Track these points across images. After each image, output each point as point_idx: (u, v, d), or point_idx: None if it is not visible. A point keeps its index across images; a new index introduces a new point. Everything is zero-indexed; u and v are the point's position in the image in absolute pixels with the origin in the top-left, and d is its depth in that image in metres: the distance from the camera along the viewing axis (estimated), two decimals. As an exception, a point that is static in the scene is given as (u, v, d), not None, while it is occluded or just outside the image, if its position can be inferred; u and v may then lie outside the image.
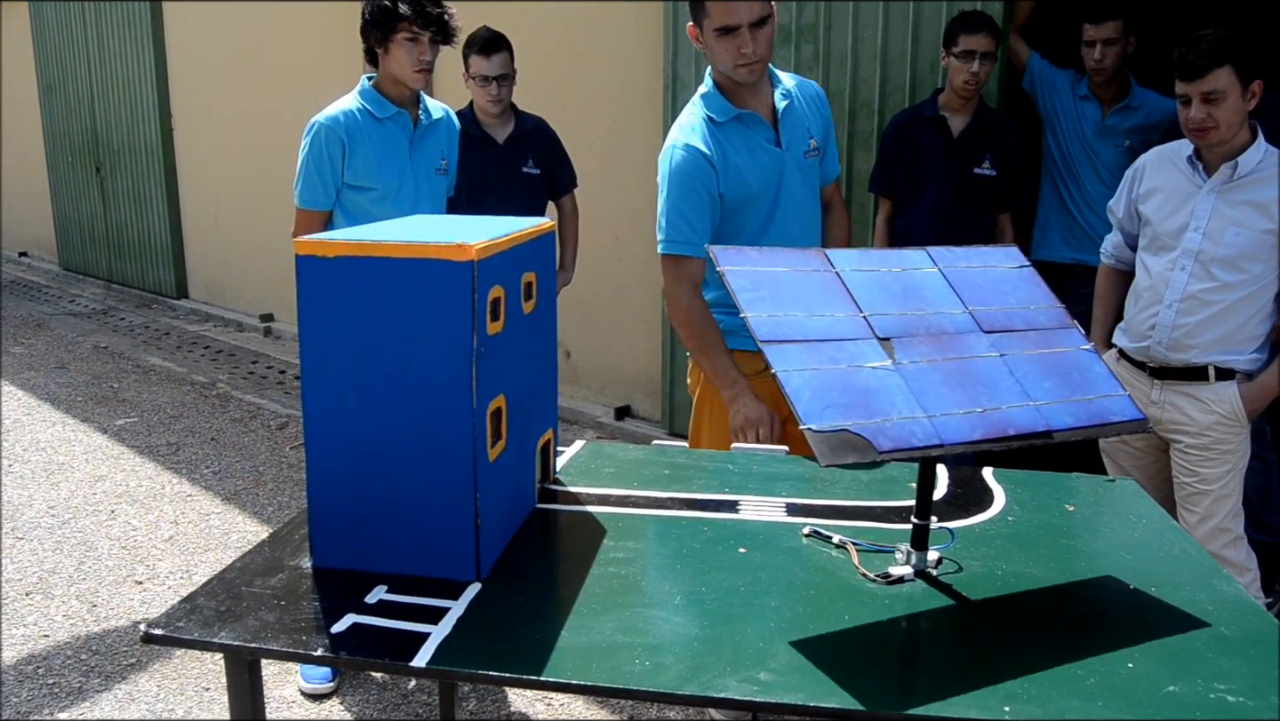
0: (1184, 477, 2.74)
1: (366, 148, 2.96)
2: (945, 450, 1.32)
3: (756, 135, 2.44)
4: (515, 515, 1.64)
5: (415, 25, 2.87)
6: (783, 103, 2.48)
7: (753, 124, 2.44)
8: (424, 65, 2.94)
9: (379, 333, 1.39)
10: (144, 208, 9.15)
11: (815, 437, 1.27)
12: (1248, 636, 1.33)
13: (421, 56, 2.92)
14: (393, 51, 2.92)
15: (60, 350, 7.46)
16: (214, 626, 1.33)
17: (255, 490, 4.59)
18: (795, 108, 2.51)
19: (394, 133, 3.02)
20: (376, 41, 2.95)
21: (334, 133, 2.94)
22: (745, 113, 2.43)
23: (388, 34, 2.90)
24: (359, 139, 2.96)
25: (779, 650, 1.27)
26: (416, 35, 2.89)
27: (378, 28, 2.91)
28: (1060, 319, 1.58)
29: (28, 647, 3.24)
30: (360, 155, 2.96)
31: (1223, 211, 2.61)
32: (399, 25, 2.87)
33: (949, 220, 3.49)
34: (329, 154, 2.95)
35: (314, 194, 3.01)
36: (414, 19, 2.87)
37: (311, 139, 2.96)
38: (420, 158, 3.09)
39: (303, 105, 7.07)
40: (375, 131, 2.99)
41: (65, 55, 9.91)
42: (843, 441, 1.27)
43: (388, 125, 3.01)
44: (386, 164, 3.00)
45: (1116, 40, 3.56)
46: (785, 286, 1.46)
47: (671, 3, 4.54)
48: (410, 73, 2.94)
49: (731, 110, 2.42)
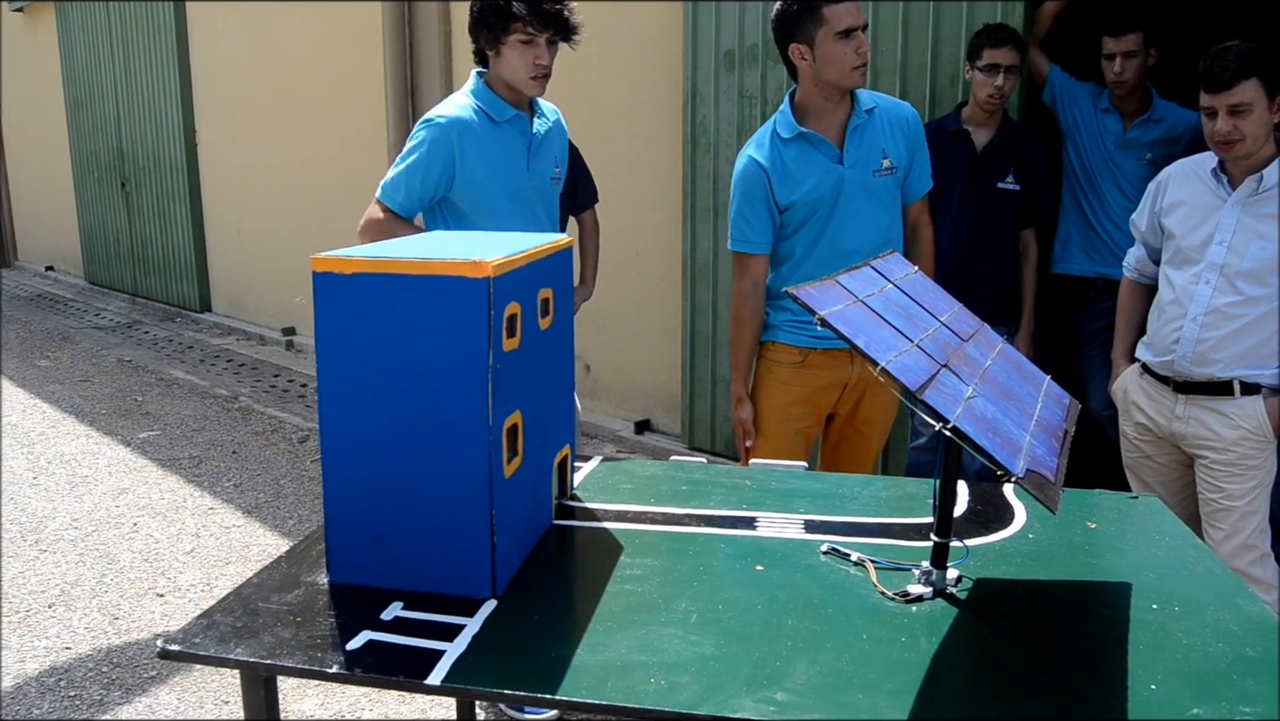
0: (1209, 493, 2.71)
1: (482, 154, 2.67)
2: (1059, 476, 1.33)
3: (818, 152, 2.67)
4: (532, 532, 1.64)
5: (531, 25, 2.57)
6: (855, 123, 2.68)
7: (815, 142, 2.66)
8: (541, 71, 2.64)
9: (395, 349, 1.39)
10: (168, 223, 9.25)
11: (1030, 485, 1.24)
12: (1273, 657, 1.31)
13: (538, 60, 2.62)
14: (505, 54, 2.62)
15: (85, 363, 7.53)
16: (230, 642, 1.33)
17: (276, 503, 4.61)
18: (871, 128, 2.69)
19: (512, 137, 2.72)
20: (487, 42, 2.64)
21: (452, 133, 2.63)
22: (808, 131, 2.66)
23: (499, 35, 2.60)
24: (473, 144, 2.65)
25: (796, 670, 1.26)
26: (532, 36, 2.59)
27: (488, 28, 2.61)
28: (974, 320, 1.66)
29: (50, 659, 3.25)
30: (473, 163, 2.66)
31: (1247, 225, 2.58)
32: (512, 25, 2.57)
33: (972, 235, 3.47)
34: (442, 158, 2.63)
35: (400, 192, 2.67)
36: (529, 18, 2.56)
37: (427, 135, 2.64)
38: (538, 166, 2.80)
39: (324, 122, 7.17)
40: (492, 136, 2.69)
41: (92, 74, 10.04)
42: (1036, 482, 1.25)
43: (505, 129, 2.71)
44: (506, 172, 2.71)
45: (1137, 53, 3.54)
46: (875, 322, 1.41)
47: (691, 19, 4.55)
48: (525, 78, 2.64)
49: (796, 128, 2.66)
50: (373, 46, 6.34)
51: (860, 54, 2.56)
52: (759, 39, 4.32)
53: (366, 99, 6.60)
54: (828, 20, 2.53)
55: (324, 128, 7.21)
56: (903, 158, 2.74)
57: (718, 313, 4.65)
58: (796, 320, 2.75)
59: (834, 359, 2.75)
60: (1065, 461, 1.36)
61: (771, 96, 4.30)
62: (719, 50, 4.47)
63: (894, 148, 2.71)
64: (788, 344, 2.78)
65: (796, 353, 2.77)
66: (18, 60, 11.99)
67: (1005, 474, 1.19)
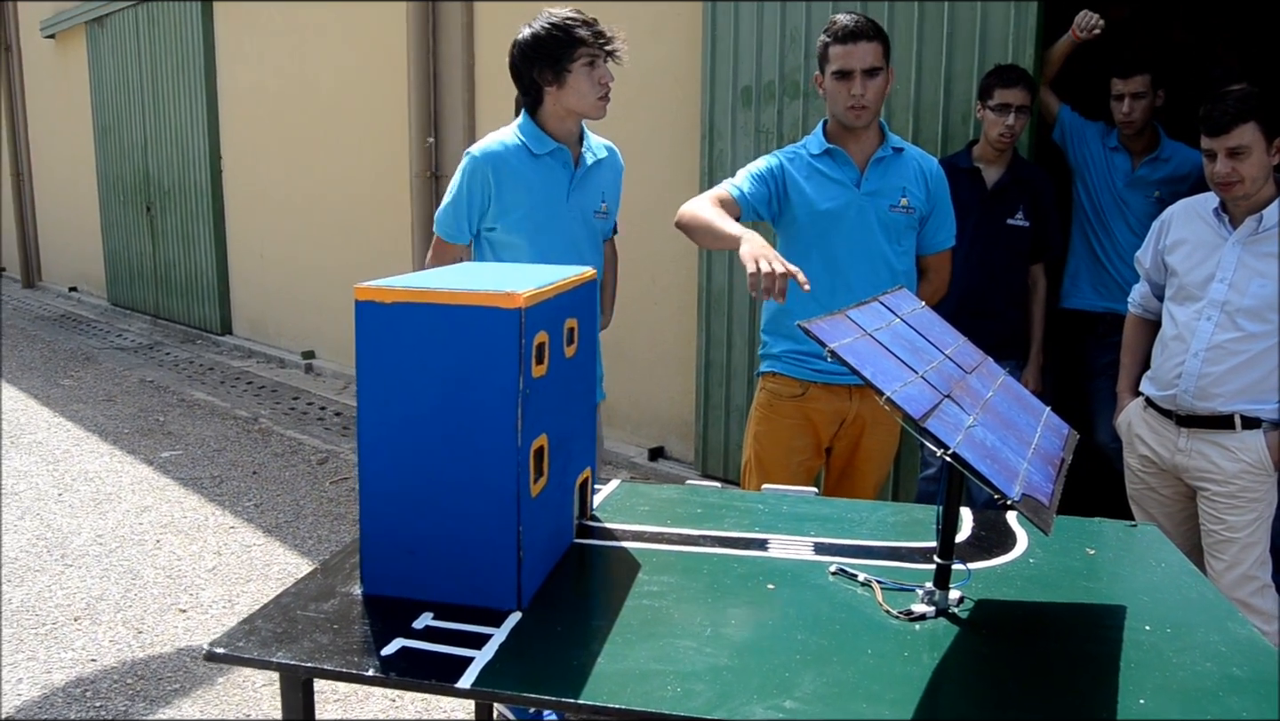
0: (1211, 525, 2.77)
1: (518, 184, 2.75)
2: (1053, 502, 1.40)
3: (839, 170, 2.83)
4: (555, 549, 1.72)
5: (595, 47, 2.66)
6: (881, 155, 2.84)
7: (840, 160, 2.84)
8: (606, 90, 2.73)
9: (431, 373, 1.49)
10: (192, 246, 9.41)
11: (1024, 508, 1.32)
12: (1258, 677, 1.38)
13: (603, 80, 2.71)
14: (571, 82, 2.68)
15: (108, 383, 7.66)
16: (271, 646, 1.41)
17: (295, 523, 4.70)
18: (897, 166, 2.85)
19: (553, 169, 2.80)
20: (547, 77, 2.70)
21: (486, 165, 2.74)
22: (835, 149, 2.84)
23: (565, 63, 2.66)
24: (509, 174, 2.75)
25: (804, 680, 1.34)
26: (595, 57, 2.68)
27: (548, 60, 2.67)
28: (978, 353, 1.70)
29: (75, 671, 3.34)
30: (509, 192, 2.75)
31: (1248, 263, 2.66)
32: (578, 51, 2.65)
33: (983, 269, 3.55)
34: (480, 186, 2.75)
35: (449, 223, 2.84)
36: (593, 40, 2.65)
37: (464, 168, 2.78)
38: (579, 197, 2.85)
39: (348, 150, 7.31)
40: (531, 167, 2.77)
41: (121, 99, 10.25)
42: (1030, 506, 1.33)
43: (545, 161, 2.79)
44: (539, 203, 2.78)
45: (1144, 94, 3.63)
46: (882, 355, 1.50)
47: (710, 56, 4.66)
48: (594, 100, 2.72)
49: (825, 144, 2.85)
50: (397, 76, 6.49)
51: (852, 95, 2.74)
52: (775, 76, 4.43)
53: (390, 127, 6.74)
54: (831, 60, 2.77)
55: (347, 155, 7.36)
56: (921, 203, 2.86)
57: (732, 342, 4.74)
58: (797, 353, 2.84)
59: (833, 393, 2.84)
60: (1060, 488, 1.44)
61: (787, 132, 4.41)
62: (736, 87, 4.58)
63: (914, 191, 2.85)
64: (788, 376, 2.89)
65: (797, 385, 2.87)
66: (47, 85, 12.23)
67: (1001, 497, 1.27)
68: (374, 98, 6.94)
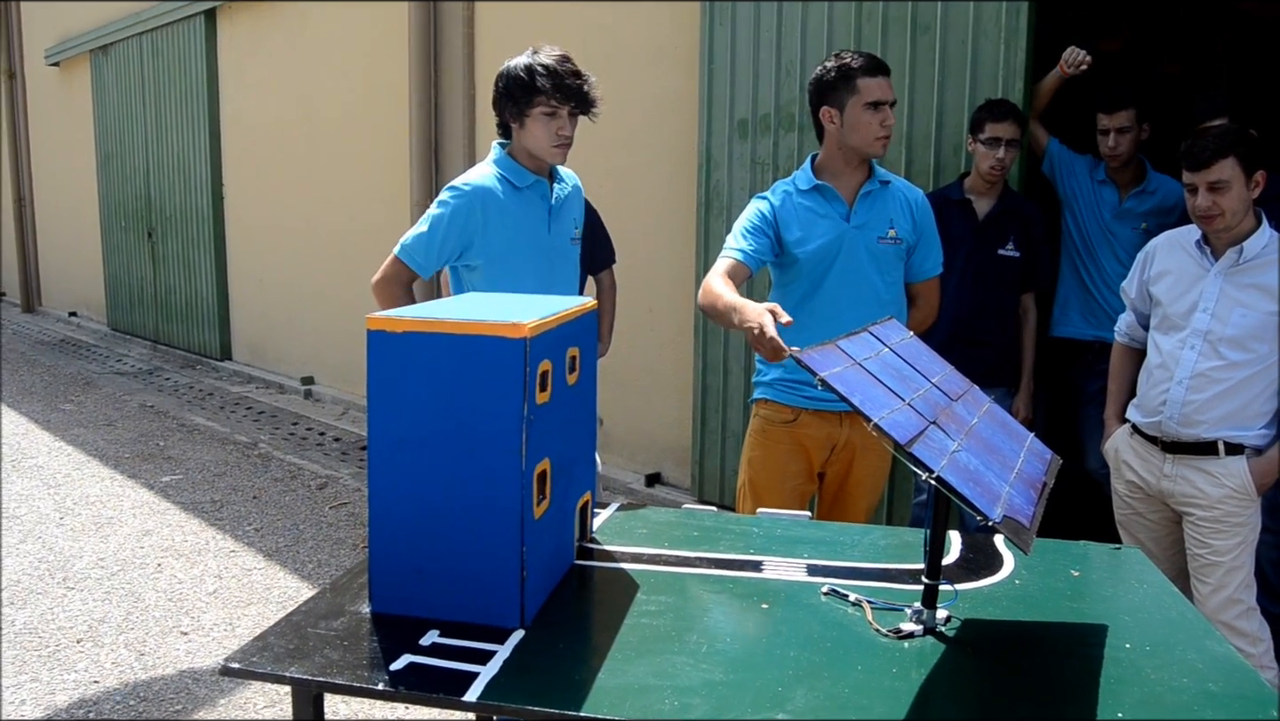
0: (1196, 549, 2.83)
1: (505, 218, 2.81)
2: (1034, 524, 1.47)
3: (828, 205, 2.90)
4: (556, 569, 1.78)
5: (554, 99, 2.73)
6: (869, 189, 2.90)
7: (829, 196, 2.90)
8: (563, 140, 2.80)
9: (439, 399, 1.55)
10: (192, 272, 9.48)
11: (1005, 529, 1.39)
12: (1233, 692, 1.44)
13: (560, 131, 2.78)
14: (529, 126, 2.79)
15: (108, 408, 7.71)
16: (284, 662, 1.47)
17: (295, 547, 4.74)
18: (884, 198, 2.92)
19: (533, 201, 2.87)
20: (511, 116, 2.81)
21: (475, 201, 2.78)
22: (824, 185, 2.90)
23: (524, 108, 2.76)
24: (497, 209, 2.80)
25: (797, 694, 1.40)
26: (555, 109, 2.75)
27: (513, 101, 2.78)
28: (964, 381, 1.76)
29: (79, 692, 3.38)
30: (497, 226, 2.81)
31: (1230, 294, 2.74)
32: (536, 99, 2.74)
33: (974, 300, 3.63)
34: (464, 223, 2.78)
35: (419, 253, 2.80)
36: (552, 93, 2.73)
37: (450, 202, 2.79)
38: (558, 227, 2.94)
39: (349, 178, 7.40)
40: (514, 201, 2.84)
41: (124, 126, 10.36)
42: (1011, 527, 1.39)
43: (526, 194, 2.86)
44: (527, 235, 2.85)
45: (1130, 128, 3.72)
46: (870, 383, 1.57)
47: (707, 89, 4.76)
48: (548, 148, 2.80)
49: (813, 180, 2.91)
50: (399, 105, 6.59)
51: (885, 126, 2.81)
52: (771, 108, 4.53)
53: (391, 156, 6.84)
54: (859, 90, 2.79)
55: (349, 183, 7.45)
56: (908, 233, 2.93)
57: (728, 369, 4.81)
58: (789, 380, 2.91)
59: (824, 419, 2.91)
60: (1042, 510, 1.50)
61: (783, 163, 4.50)
62: (733, 118, 4.68)
63: (901, 222, 2.92)
64: (780, 402, 2.96)
65: (789, 411, 2.94)
66: (50, 113, 12.36)
67: (983, 518, 1.33)
68: (375, 126, 7.04)
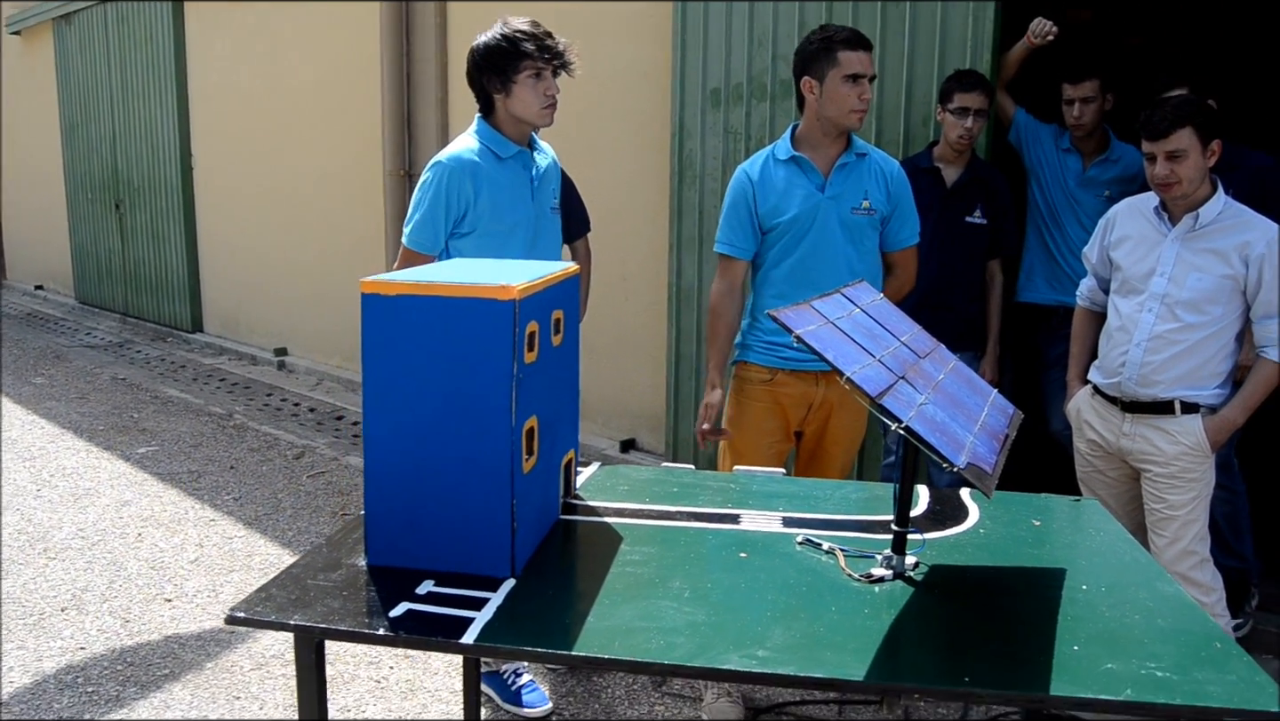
0: (1153, 504, 2.95)
1: (494, 188, 2.87)
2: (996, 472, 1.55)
3: (805, 177, 2.96)
4: (544, 522, 1.86)
5: (539, 60, 2.79)
6: (845, 160, 2.96)
7: (805, 168, 2.96)
8: (552, 101, 2.86)
9: (432, 360, 1.61)
10: (162, 244, 9.43)
11: (969, 474, 1.46)
12: (1180, 627, 1.54)
13: (548, 91, 2.84)
14: (516, 92, 2.83)
15: (80, 381, 7.69)
16: (288, 611, 1.54)
17: (275, 516, 4.79)
18: (859, 170, 2.99)
19: (517, 172, 2.93)
20: (495, 86, 2.85)
21: (462, 173, 2.83)
22: (801, 156, 2.96)
23: (510, 74, 2.81)
24: (484, 179, 2.85)
25: (775, 633, 1.49)
26: (540, 70, 2.81)
27: (495, 70, 2.82)
28: (931, 340, 1.85)
29: (65, 659, 3.43)
30: (488, 196, 2.86)
31: (1186, 258, 2.84)
32: (522, 64, 2.79)
33: (942, 265, 3.72)
34: (455, 194, 2.83)
35: (427, 234, 2.87)
36: (538, 55, 2.79)
37: (436, 177, 2.84)
38: (541, 196, 3.00)
39: (320, 147, 7.38)
40: (500, 171, 2.89)
41: (89, 96, 10.24)
42: (975, 473, 1.47)
43: (511, 164, 2.92)
44: (513, 204, 2.91)
45: (1094, 98, 3.81)
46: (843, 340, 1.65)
47: (680, 58, 4.80)
48: (538, 110, 2.85)
49: (791, 151, 2.97)
50: (370, 72, 6.58)
51: (862, 100, 2.88)
52: (744, 78, 4.58)
53: (362, 124, 6.83)
54: (839, 63, 2.85)
55: (319, 152, 7.43)
56: (882, 204, 3.01)
57: (701, 336, 4.88)
58: (767, 341, 3.01)
59: (801, 379, 3.01)
60: (1004, 459, 1.59)
61: (755, 133, 4.56)
62: (706, 88, 4.73)
63: (876, 193, 2.99)
64: (758, 364, 3.05)
65: (766, 371, 3.03)
66: (13, 82, 12.17)
67: (949, 465, 1.42)
68: (347, 95, 7.02)
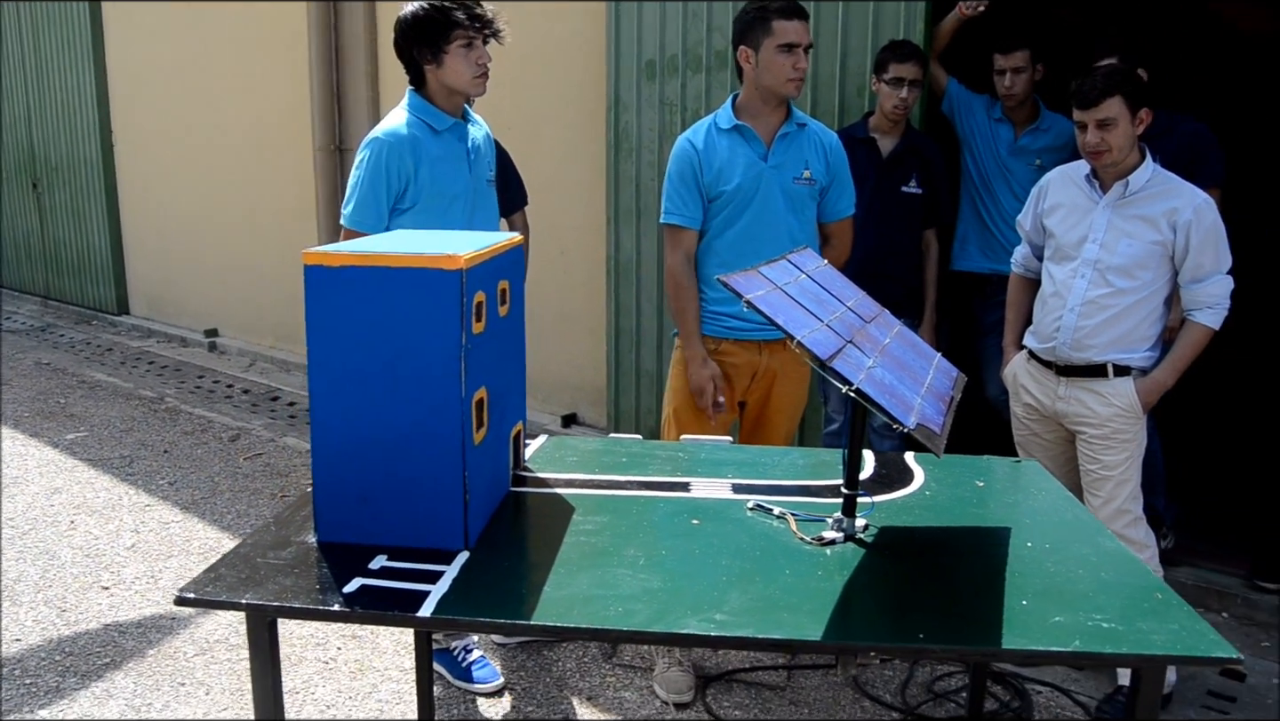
0: (1088, 465, 3.03)
1: (432, 161, 2.83)
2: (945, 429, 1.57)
3: (748, 146, 2.97)
4: (495, 494, 1.85)
5: (471, 29, 2.76)
6: (786, 130, 2.98)
7: (748, 136, 2.97)
8: (484, 70, 2.84)
9: (378, 332, 1.59)
10: (83, 224, 9.14)
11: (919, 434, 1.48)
12: (1122, 580, 1.59)
13: (480, 60, 2.81)
14: (448, 63, 2.79)
15: (1, 367, 7.44)
16: (238, 589, 1.51)
17: (212, 500, 4.70)
18: (799, 140, 3.01)
19: (452, 144, 2.89)
20: (426, 56, 2.80)
21: (400, 147, 2.78)
22: (743, 125, 2.97)
23: (441, 44, 2.77)
24: (424, 153, 2.81)
25: (731, 597, 1.50)
26: (471, 39, 2.78)
27: (426, 41, 2.78)
28: (875, 306, 1.89)
29: (1, 650, 3.33)
30: (427, 170, 2.82)
31: (1116, 225, 2.91)
32: (454, 34, 2.75)
33: (879, 235, 3.75)
34: (395, 170, 2.79)
35: (369, 214, 2.81)
36: (469, 23, 2.76)
37: (373, 155, 2.79)
38: (478, 169, 2.97)
39: (247, 121, 7.21)
40: (437, 145, 2.85)
41: (1, 72, 9.85)
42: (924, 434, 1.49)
43: (446, 137, 2.88)
44: (451, 177, 2.87)
45: (1024, 69, 3.87)
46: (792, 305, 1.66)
47: (614, 29, 4.77)
48: (470, 79, 2.82)
49: (733, 120, 2.98)
50: (298, 46, 6.43)
51: (797, 69, 2.89)
52: (679, 50, 4.57)
53: (290, 98, 6.68)
54: (774, 32, 2.87)
55: (247, 127, 7.26)
56: (821, 175, 3.04)
57: (641, 310, 4.89)
58: (711, 311, 3.02)
59: (745, 348, 3.03)
60: (950, 420, 1.62)
61: (690, 104, 4.55)
62: (640, 60, 4.71)
63: (815, 164, 3.03)
64: (704, 334, 3.06)
65: (710, 341, 3.04)
66: (-82, 58, 11.67)
67: (900, 426, 1.44)
68: (274, 67, 6.86)
